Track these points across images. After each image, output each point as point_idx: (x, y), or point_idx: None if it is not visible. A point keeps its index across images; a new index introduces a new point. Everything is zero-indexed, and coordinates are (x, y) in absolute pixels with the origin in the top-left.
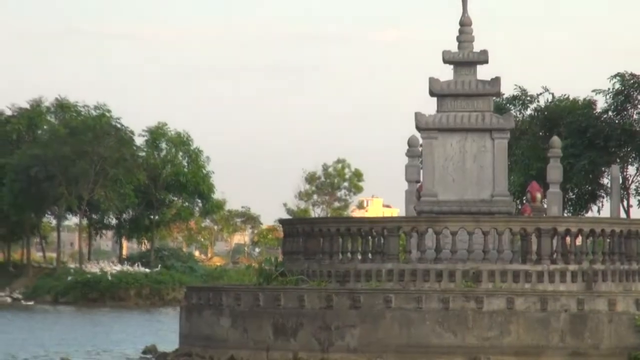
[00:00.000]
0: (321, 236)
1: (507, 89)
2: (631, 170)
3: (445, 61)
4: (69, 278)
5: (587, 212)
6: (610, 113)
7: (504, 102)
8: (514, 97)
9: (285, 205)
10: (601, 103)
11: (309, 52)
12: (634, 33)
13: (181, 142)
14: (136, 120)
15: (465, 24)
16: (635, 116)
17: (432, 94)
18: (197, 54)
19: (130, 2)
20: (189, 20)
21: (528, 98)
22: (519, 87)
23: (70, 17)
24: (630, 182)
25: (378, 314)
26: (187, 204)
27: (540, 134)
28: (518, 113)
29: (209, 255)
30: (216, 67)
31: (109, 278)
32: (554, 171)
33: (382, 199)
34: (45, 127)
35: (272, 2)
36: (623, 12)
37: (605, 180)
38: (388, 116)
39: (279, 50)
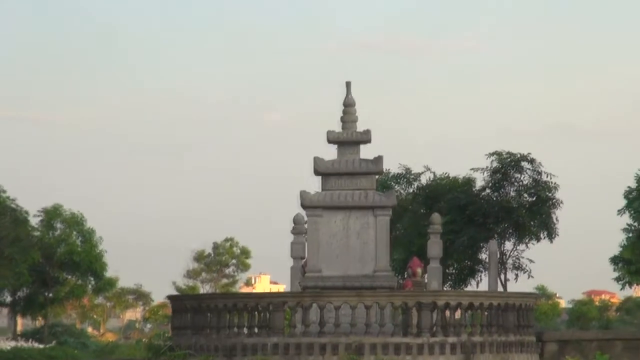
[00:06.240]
0: (208, 311)
1: (393, 167)
2: (508, 245)
3: (329, 141)
4: None
5: (466, 286)
6: (488, 190)
7: (390, 180)
8: (399, 175)
9: (174, 283)
10: (480, 181)
11: (192, 132)
12: (505, 113)
13: (75, 222)
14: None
15: (348, 104)
16: (512, 193)
17: (316, 172)
18: (84, 136)
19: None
20: (78, 103)
21: (412, 176)
22: (403, 165)
23: None
24: (507, 256)
25: None
26: (80, 281)
27: (422, 211)
28: (403, 191)
29: (102, 331)
30: (104, 148)
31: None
32: (434, 247)
33: (270, 275)
34: None
35: (156, 87)
36: (497, 95)
37: (484, 256)
38: (275, 195)
39: (164, 130)
